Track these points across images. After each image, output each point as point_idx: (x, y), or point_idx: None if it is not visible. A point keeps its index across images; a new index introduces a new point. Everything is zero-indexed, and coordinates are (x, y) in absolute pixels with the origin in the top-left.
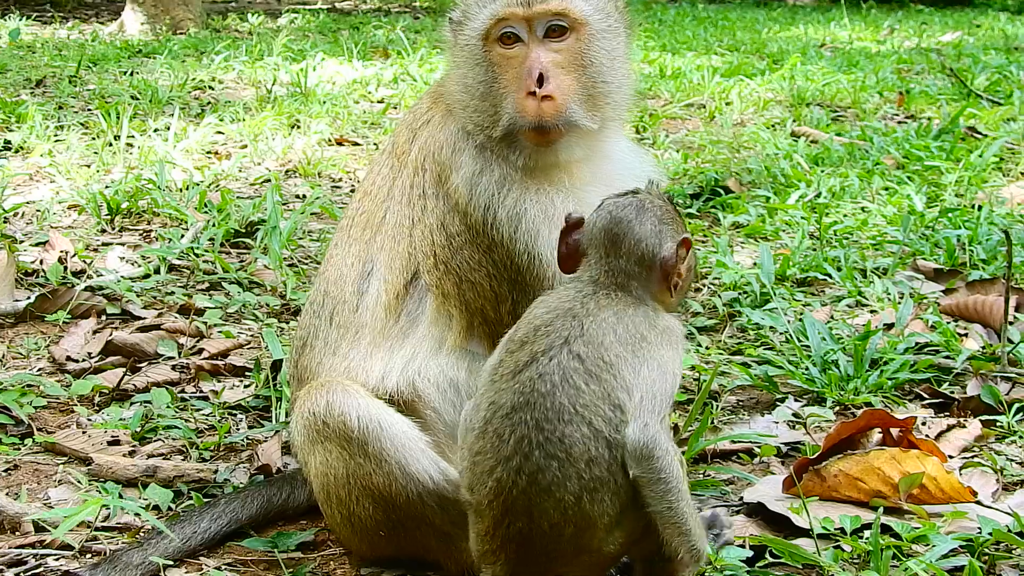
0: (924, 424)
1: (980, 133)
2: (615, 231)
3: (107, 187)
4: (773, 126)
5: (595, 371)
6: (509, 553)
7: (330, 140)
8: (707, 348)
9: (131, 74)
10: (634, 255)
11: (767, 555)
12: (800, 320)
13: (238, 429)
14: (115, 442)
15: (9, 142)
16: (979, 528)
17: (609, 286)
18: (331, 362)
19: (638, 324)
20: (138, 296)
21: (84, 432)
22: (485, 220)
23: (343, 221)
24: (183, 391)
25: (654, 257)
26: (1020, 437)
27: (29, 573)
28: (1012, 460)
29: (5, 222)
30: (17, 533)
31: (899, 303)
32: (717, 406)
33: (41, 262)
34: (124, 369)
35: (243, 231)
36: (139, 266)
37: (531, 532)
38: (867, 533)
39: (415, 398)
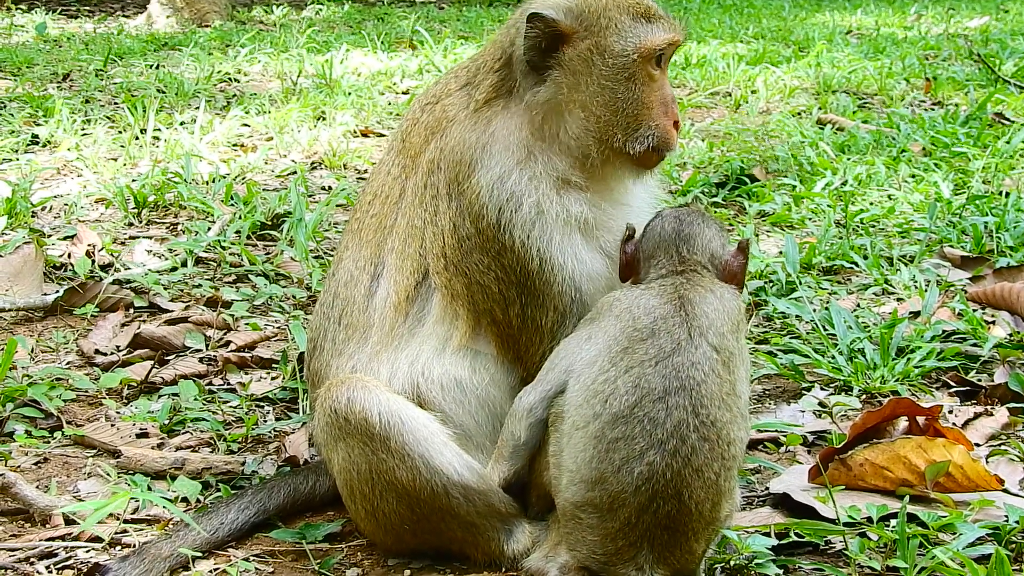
0: (951, 412)
1: (1008, 119)
2: (686, 232)
3: (134, 180)
4: (799, 114)
5: (727, 362)
6: (655, 539)
7: (355, 132)
8: None
9: (157, 67)
10: (706, 252)
11: (791, 535)
12: (826, 308)
13: (265, 421)
14: (143, 435)
15: (37, 136)
16: (1006, 516)
17: (692, 274)
18: (337, 363)
19: (729, 307)
20: (165, 289)
21: (113, 425)
22: (499, 224)
23: (352, 224)
24: (211, 383)
25: (722, 255)
26: None
27: (59, 565)
28: None
29: (33, 216)
30: (47, 525)
31: (926, 291)
32: None
33: (69, 256)
34: (152, 362)
35: (269, 223)
36: (166, 259)
37: (679, 513)
38: (893, 522)
39: (420, 402)
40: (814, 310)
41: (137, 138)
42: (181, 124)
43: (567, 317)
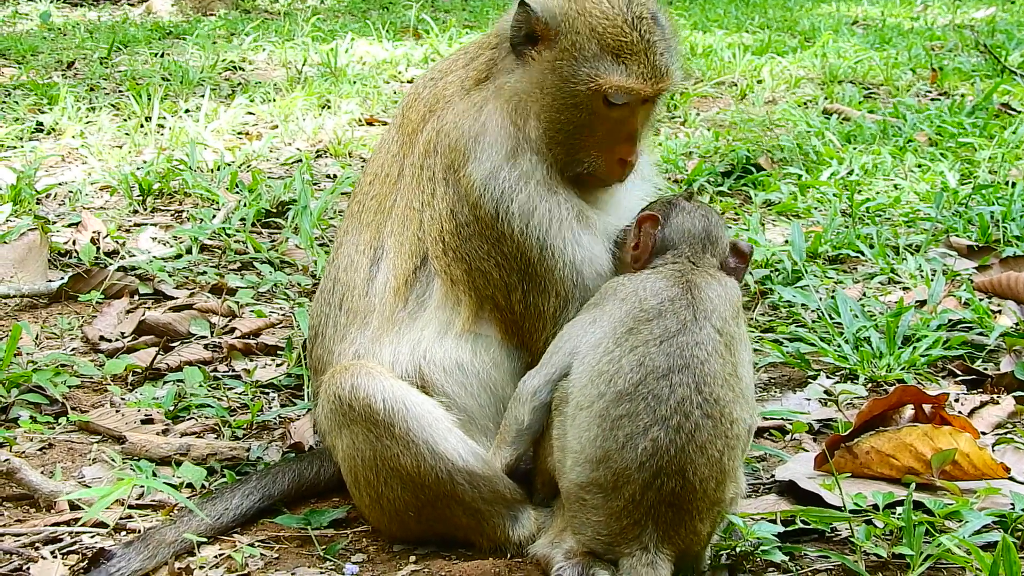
0: (957, 400)
1: (1014, 110)
2: (715, 234)
3: (139, 168)
4: (805, 104)
5: (728, 344)
6: (659, 517)
7: (360, 120)
8: None
9: (162, 56)
10: (720, 255)
11: (797, 522)
12: (832, 297)
13: (270, 407)
14: (148, 421)
15: (41, 124)
16: (1012, 504)
17: (705, 267)
18: (340, 348)
19: (731, 295)
20: (170, 276)
21: (117, 411)
22: (496, 214)
23: (353, 206)
24: (215, 370)
25: (726, 255)
26: None
27: (64, 550)
28: None
29: (38, 203)
30: (52, 511)
31: (932, 280)
32: None
33: (74, 243)
34: (157, 348)
35: (274, 211)
36: (171, 246)
37: (683, 490)
38: (899, 509)
39: (423, 385)
40: (820, 299)
41: (142, 126)
42: (186, 112)
43: (569, 302)
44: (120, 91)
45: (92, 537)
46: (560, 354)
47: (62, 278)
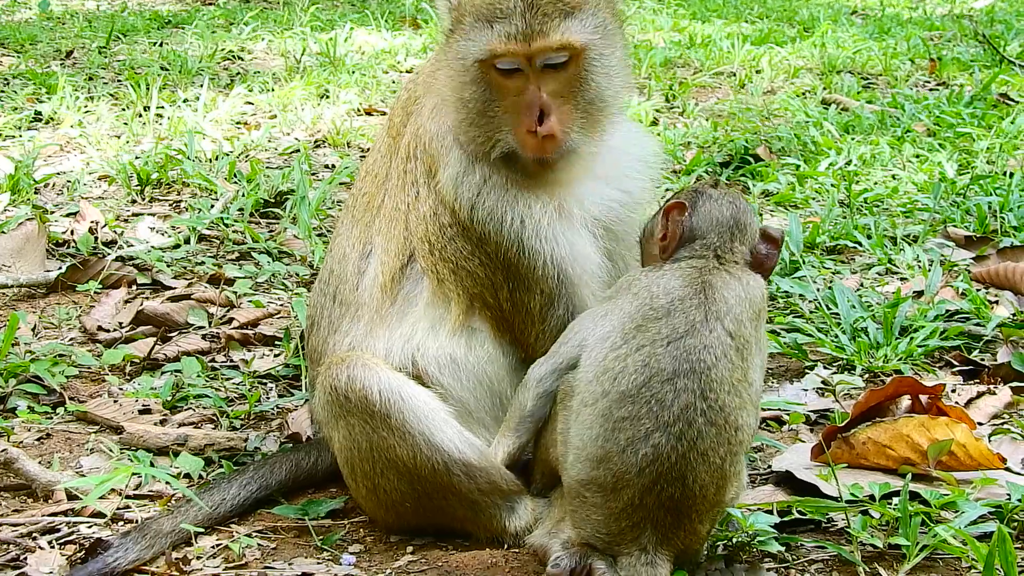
0: (954, 391)
1: (1012, 100)
2: (743, 221)
3: (137, 158)
4: (803, 94)
5: (741, 348)
6: (658, 521)
7: (359, 110)
8: None
9: (160, 45)
10: (750, 242)
11: (794, 512)
12: (830, 288)
13: (268, 398)
14: (146, 411)
15: (39, 113)
16: (1008, 494)
17: (730, 261)
18: (334, 340)
19: (753, 295)
20: (168, 266)
21: (115, 401)
22: (472, 217)
23: (348, 200)
24: (213, 360)
25: (756, 243)
26: None
27: (61, 540)
28: None
29: (36, 193)
30: (50, 501)
31: (929, 270)
32: None
33: (72, 232)
34: (155, 338)
35: (272, 201)
36: (169, 236)
37: (682, 496)
38: (895, 500)
39: (417, 376)
40: (817, 289)
41: (140, 115)
42: (184, 102)
43: (555, 299)
44: (119, 80)
45: (89, 527)
46: (569, 344)
47: (60, 268)
